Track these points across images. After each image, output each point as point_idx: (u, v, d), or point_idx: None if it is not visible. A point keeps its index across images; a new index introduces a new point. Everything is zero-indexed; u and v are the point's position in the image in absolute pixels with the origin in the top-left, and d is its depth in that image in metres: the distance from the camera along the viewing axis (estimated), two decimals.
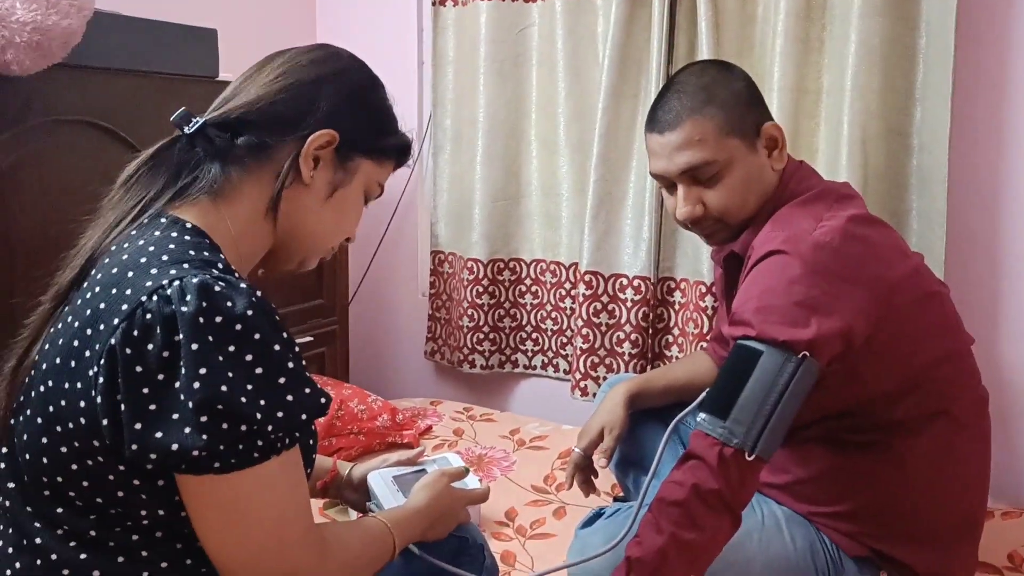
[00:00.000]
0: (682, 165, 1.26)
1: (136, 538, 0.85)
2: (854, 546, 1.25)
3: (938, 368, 1.22)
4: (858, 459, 1.24)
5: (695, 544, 1.06)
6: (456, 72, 2.41)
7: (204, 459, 0.79)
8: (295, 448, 0.86)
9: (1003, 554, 1.49)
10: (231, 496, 0.82)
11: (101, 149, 1.68)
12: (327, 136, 0.96)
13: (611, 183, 2.16)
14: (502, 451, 2.03)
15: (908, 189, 1.84)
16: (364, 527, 1.02)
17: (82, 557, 0.84)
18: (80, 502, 0.84)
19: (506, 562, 1.54)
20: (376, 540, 1.01)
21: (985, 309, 1.84)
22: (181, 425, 0.78)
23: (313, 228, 1.00)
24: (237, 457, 0.80)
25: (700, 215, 1.28)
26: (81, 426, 0.81)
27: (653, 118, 1.30)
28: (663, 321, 2.20)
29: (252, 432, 0.80)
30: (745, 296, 1.15)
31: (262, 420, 0.80)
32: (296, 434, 0.85)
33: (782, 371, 1.07)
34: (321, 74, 0.98)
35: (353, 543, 0.97)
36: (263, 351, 0.81)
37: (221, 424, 0.78)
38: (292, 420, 0.83)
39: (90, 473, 0.83)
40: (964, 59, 1.77)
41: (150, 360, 0.78)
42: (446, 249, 2.51)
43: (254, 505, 0.83)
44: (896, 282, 1.17)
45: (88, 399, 0.80)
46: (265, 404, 0.80)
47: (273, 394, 0.81)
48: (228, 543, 0.84)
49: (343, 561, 0.93)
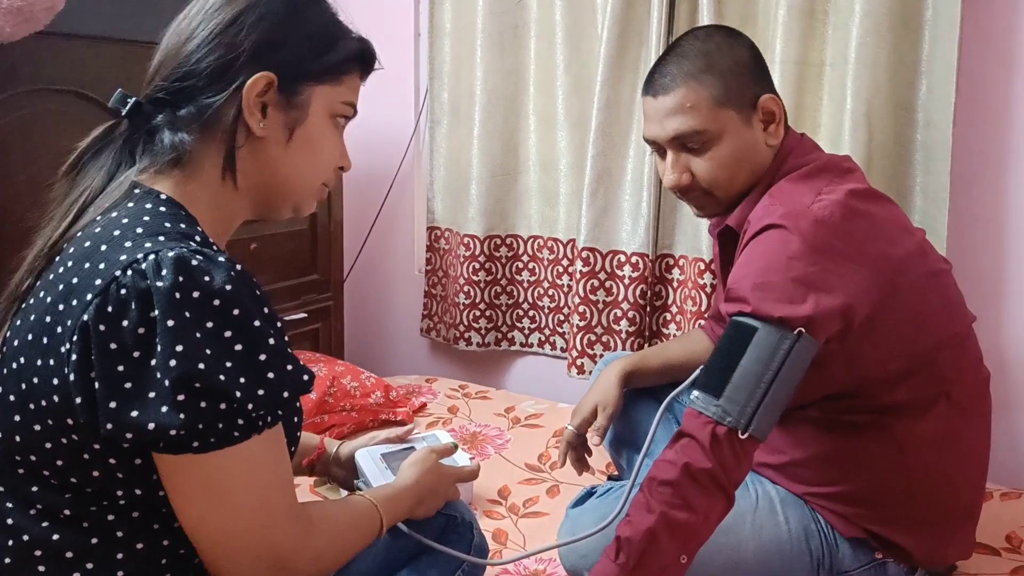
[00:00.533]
0: (671, 131, 1.23)
1: (112, 518, 0.83)
2: (850, 528, 1.23)
3: (941, 350, 1.19)
4: (856, 441, 1.22)
5: (686, 524, 1.04)
6: (453, 44, 2.37)
7: (182, 438, 0.76)
8: (278, 426, 0.84)
9: (1001, 535, 1.47)
10: (211, 475, 0.79)
11: (87, 118, 1.62)
12: (263, 79, 0.88)
13: (610, 158, 2.12)
14: (496, 429, 2.01)
15: (912, 165, 1.81)
16: (351, 505, 1.00)
17: (55, 537, 0.81)
18: (55, 480, 0.82)
19: (498, 540, 1.52)
20: (363, 518, 0.99)
21: (988, 287, 1.81)
22: (158, 403, 0.75)
23: (287, 176, 0.94)
24: (217, 436, 0.78)
25: (687, 184, 1.25)
26: (55, 404, 0.79)
27: (650, 81, 1.27)
28: (661, 299, 2.17)
29: (232, 410, 0.78)
30: (742, 271, 1.12)
31: (242, 398, 0.78)
32: (279, 412, 0.83)
33: (778, 348, 1.05)
34: (236, 11, 0.89)
35: (339, 521, 0.95)
36: (243, 327, 0.79)
37: (199, 402, 0.76)
38: (273, 398, 0.81)
39: (65, 451, 0.80)
40: (971, 31, 1.72)
41: (125, 337, 0.76)
42: (442, 225, 2.48)
43: (235, 484, 0.80)
44: (899, 260, 1.14)
45: (61, 376, 0.78)
46: (245, 381, 0.78)
47: (253, 371, 0.79)
48: (208, 522, 0.81)
49: (328, 539, 0.91)
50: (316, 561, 0.89)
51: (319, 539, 0.89)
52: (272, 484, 0.83)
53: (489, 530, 1.53)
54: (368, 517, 0.99)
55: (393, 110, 2.56)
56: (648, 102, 1.26)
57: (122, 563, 0.83)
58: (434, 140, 2.44)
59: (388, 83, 2.55)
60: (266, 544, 0.83)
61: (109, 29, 1.69)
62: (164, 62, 0.91)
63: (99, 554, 0.82)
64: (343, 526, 0.95)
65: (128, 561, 0.83)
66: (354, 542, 0.97)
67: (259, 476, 0.82)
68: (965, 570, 1.36)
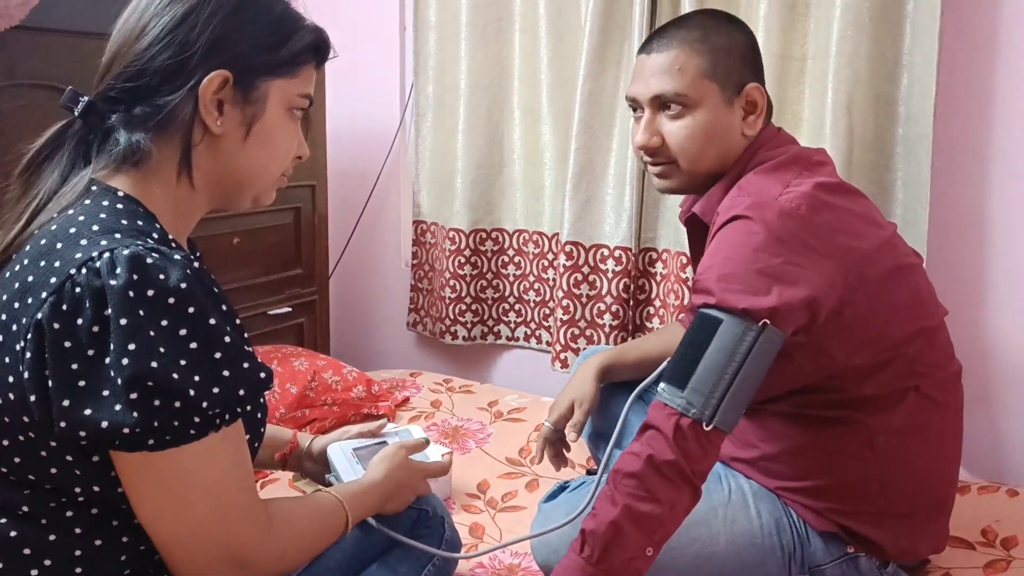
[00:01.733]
0: (654, 89, 1.24)
1: (70, 514, 0.83)
2: (822, 522, 1.23)
3: (910, 343, 1.18)
4: (827, 435, 1.22)
5: (651, 516, 1.04)
6: (438, 37, 2.36)
7: (137, 436, 0.77)
8: (237, 424, 0.84)
9: (977, 529, 1.47)
10: (167, 473, 0.80)
11: (63, 114, 1.64)
12: (219, 78, 0.87)
13: (593, 151, 2.12)
14: (478, 423, 2.01)
15: (893, 158, 1.80)
16: (315, 502, 1.00)
17: (12, 534, 0.81)
18: (13, 477, 0.82)
19: (474, 534, 1.52)
20: (327, 515, 0.99)
21: (969, 280, 1.81)
22: (111, 401, 0.75)
23: (245, 170, 0.94)
24: (172, 434, 0.78)
25: (655, 147, 1.26)
26: (10, 401, 0.79)
27: (648, 40, 1.29)
28: (644, 292, 2.17)
29: (187, 408, 0.78)
30: (707, 263, 1.12)
31: (196, 396, 0.78)
32: (236, 410, 0.83)
33: (742, 340, 1.05)
34: (188, 7, 0.88)
35: (301, 518, 0.95)
36: (198, 325, 0.79)
37: (153, 400, 0.76)
38: (229, 395, 0.81)
39: (22, 448, 0.81)
40: (951, 25, 1.72)
41: (79, 335, 0.76)
42: (428, 219, 2.47)
43: (193, 481, 0.81)
44: (866, 253, 1.14)
45: (16, 374, 0.78)
46: (200, 380, 0.78)
47: (208, 369, 0.79)
48: (165, 520, 0.82)
49: (290, 537, 0.91)
50: (278, 560, 0.89)
51: (280, 537, 0.89)
52: (229, 483, 0.83)
53: (466, 524, 1.53)
54: (332, 514, 0.99)
55: (379, 104, 2.55)
56: (640, 59, 1.28)
57: (80, 559, 0.83)
58: (419, 134, 2.43)
59: (374, 77, 2.56)
60: (224, 543, 0.83)
61: (85, 23, 1.68)
62: (115, 59, 0.90)
63: (57, 550, 0.82)
64: (304, 523, 0.95)
65: (86, 557, 0.83)
66: (318, 540, 0.97)
67: (216, 475, 0.82)
68: (939, 564, 1.36)
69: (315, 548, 0.97)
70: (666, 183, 1.30)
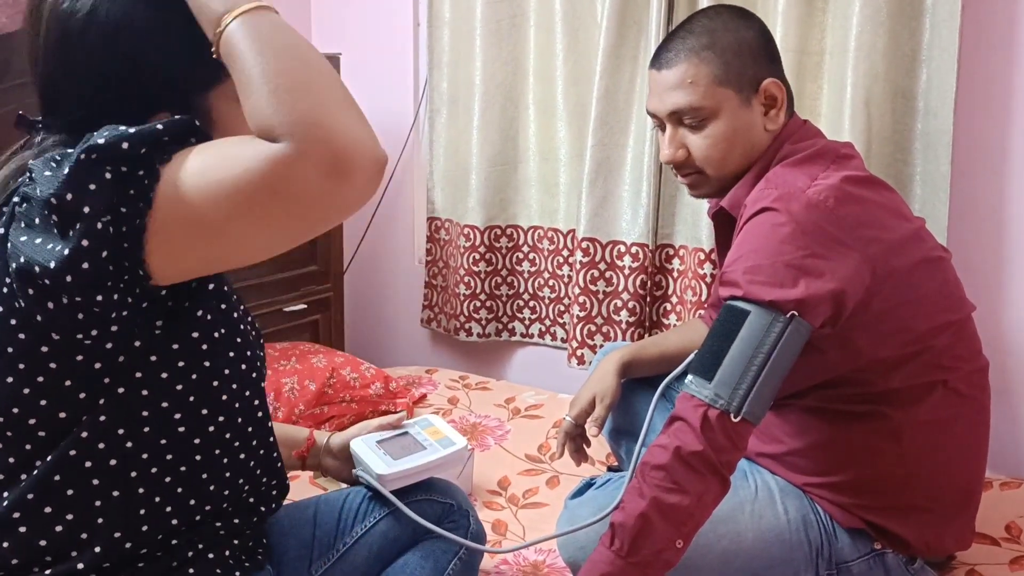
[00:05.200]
0: (670, 106, 1.24)
1: (89, 465, 0.80)
2: (848, 518, 1.23)
3: (937, 336, 1.18)
4: (854, 430, 1.21)
5: (679, 508, 1.04)
6: (452, 33, 2.36)
7: (121, 227, 0.72)
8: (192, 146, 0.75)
9: (1001, 525, 1.47)
10: (177, 216, 0.72)
11: None
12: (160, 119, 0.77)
13: (609, 148, 2.11)
14: (496, 420, 2.01)
15: (912, 153, 1.80)
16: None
17: (29, 496, 0.80)
18: (37, 432, 0.80)
19: (497, 531, 1.52)
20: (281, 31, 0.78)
21: (988, 276, 1.80)
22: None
23: None
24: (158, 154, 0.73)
25: (681, 160, 1.27)
26: (23, 342, 0.77)
27: (657, 54, 1.29)
28: (661, 289, 2.17)
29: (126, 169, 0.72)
30: (735, 255, 1.12)
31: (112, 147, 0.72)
32: (168, 136, 0.74)
33: (769, 331, 1.05)
34: (104, 66, 0.81)
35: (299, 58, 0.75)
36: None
37: (104, 174, 0.71)
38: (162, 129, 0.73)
39: (43, 391, 0.78)
40: (971, 19, 1.71)
41: (34, 217, 0.73)
42: (442, 215, 2.47)
43: (195, 196, 0.72)
44: (893, 245, 1.14)
45: (15, 312, 0.76)
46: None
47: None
48: (240, 236, 0.74)
49: (304, 108, 0.72)
50: (313, 124, 0.71)
51: (295, 111, 0.71)
52: (219, 166, 0.72)
53: (489, 521, 1.53)
54: (277, 23, 0.78)
55: (393, 100, 2.55)
56: (653, 75, 1.28)
57: (100, 509, 0.82)
58: (434, 130, 2.43)
59: (387, 74, 2.56)
60: (282, 193, 0.71)
61: None
62: (56, 100, 0.85)
63: (76, 504, 0.81)
64: (302, 63, 0.75)
65: (105, 511, 0.82)
66: (298, 55, 0.76)
67: (201, 178, 0.72)
68: (964, 560, 1.35)
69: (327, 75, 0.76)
70: (698, 191, 1.31)
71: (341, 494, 1.18)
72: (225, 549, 0.92)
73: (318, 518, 1.13)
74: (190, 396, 0.84)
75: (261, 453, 0.94)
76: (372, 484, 1.15)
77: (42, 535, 0.81)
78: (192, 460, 0.86)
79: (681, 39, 1.26)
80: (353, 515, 1.13)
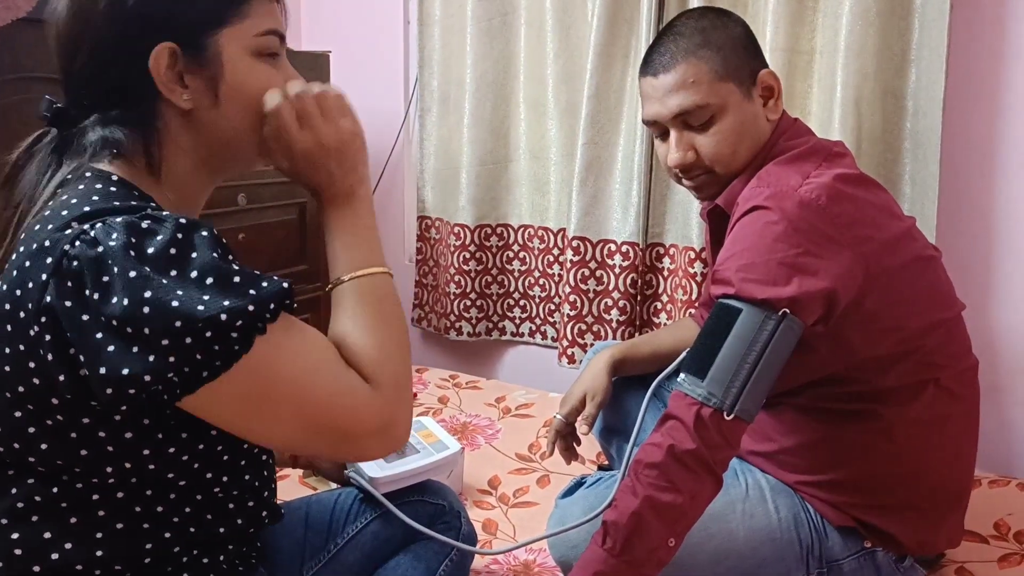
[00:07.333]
0: (675, 108, 1.22)
1: (96, 497, 0.80)
2: (839, 516, 1.23)
3: (929, 335, 1.18)
4: (845, 428, 1.22)
5: (673, 506, 1.04)
6: (443, 32, 2.35)
7: (188, 376, 0.73)
8: (283, 317, 0.78)
9: (989, 523, 1.48)
10: (240, 391, 0.75)
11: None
12: (164, 52, 0.81)
13: (600, 147, 2.11)
14: (487, 419, 2.00)
15: (901, 153, 1.81)
16: (371, 298, 0.91)
17: (33, 519, 0.80)
18: (41, 467, 0.80)
19: (488, 531, 1.52)
20: (391, 301, 0.92)
21: (977, 275, 1.81)
22: (145, 352, 0.72)
23: (231, 132, 0.87)
24: (219, 358, 0.74)
25: (691, 162, 1.25)
26: (36, 386, 0.77)
27: (648, 61, 1.26)
28: (651, 288, 2.17)
29: (215, 332, 0.73)
30: (727, 253, 1.12)
31: (212, 314, 0.73)
32: (271, 306, 0.76)
33: (761, 329, 1.04)
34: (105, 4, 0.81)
35: (379, 335, 0.87)
36: (207, 262, 0.75)
37: (184, 339, 0.72)
38: (251, 301, 0.75)
39: (50, 433, 0.78)
40: (960, 19, 1.72)
41: (92, 305, 0.73)
42: (433, 214, 2.47)
43: (269, 390, 0.76)
44: (885, 243, 1.14)
45: (37, 359, 0.76)
46: (209, 298, 0.74)
47: (219, 286, 0.75)
48: (264, 435, 0.79)
49: (389, 366, 0.84)
50: (397, 392, 0.83)
51: (383, 376, 0.83)
52: (303, 376, 0.78)
53: (479, 520, 1.53)
54: (389, 291, 0.92)
55: (383, 98, 2.54)
56: (647, 82, 1.26)
57: (101, 542, 0.81)
58: (424, 129, 2.43)
59: (378, 72, 2.55)
60: (335, 428, 0.79)
61: None
62: (67, 79, 0.86)
63: (79, 533, 0.81)
64: (385, 338, 0.87)
65: (108, 540, 0.82)
66: (401, 330, 0.90)
67: (287, 372, 0.77)
68: (953, 558, 1.36)
69: (402, 334, 0.90)
70: (706, 193, 1.29)
71: (332, 495, 1.17)
72: (220, 554, 0.91)
73: (310, 519, 1.12)
74: (195, 464, 0.84)
75: (257, 485, 0.94)
76: (364, 486, 1.14)
77: (39, 559, 0.81)
78: (193, 500, 0.87)
79: (673, 42, 1.24)
80: (344, 516, 1.13)
